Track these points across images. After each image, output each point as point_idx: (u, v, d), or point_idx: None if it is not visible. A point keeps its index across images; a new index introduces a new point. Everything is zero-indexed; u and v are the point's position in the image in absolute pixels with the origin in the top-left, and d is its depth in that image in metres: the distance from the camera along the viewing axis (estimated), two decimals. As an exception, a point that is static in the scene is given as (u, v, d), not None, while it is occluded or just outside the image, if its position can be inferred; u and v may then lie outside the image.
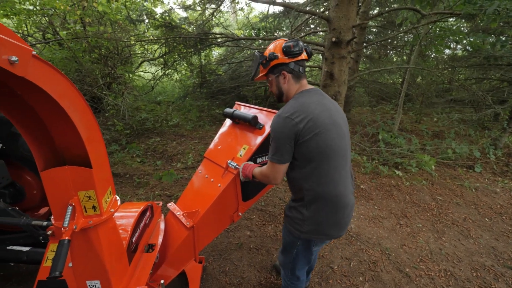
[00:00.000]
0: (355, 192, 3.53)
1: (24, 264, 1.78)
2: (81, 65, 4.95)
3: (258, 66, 1.39)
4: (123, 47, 6.21)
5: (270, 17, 6.16)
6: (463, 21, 7.07)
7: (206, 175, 1.77)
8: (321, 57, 5.89)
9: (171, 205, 1.78)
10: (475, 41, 4.93)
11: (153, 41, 6.00)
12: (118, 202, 1.12)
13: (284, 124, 1.21)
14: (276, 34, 5.95)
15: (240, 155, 1.67)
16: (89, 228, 0.99)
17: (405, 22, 5.01)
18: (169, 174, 3.44)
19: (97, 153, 0.95)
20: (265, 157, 1.74)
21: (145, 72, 8.32)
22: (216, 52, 8.82)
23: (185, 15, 7.60)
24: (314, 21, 6.43)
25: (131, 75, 6.69)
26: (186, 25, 6.15)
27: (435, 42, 4.72)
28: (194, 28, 6.06)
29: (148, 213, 1.62)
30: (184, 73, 7.86)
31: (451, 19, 6.74)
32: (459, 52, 8.13)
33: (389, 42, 7.66)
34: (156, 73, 7.12)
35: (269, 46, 1.37)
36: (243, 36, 6.19)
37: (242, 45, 6.16)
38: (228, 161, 1.64)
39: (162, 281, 1.30)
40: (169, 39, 5.56)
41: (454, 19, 6.91)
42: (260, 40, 5.63)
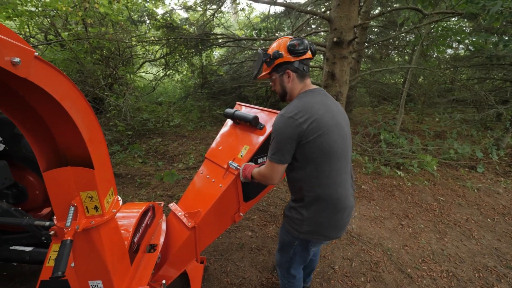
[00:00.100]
0: (357, 193, 3.52)
1: (27, 264, 1.79)
2: (83, 66, 4.97)
3: (262, 65, 1.35)
4: (125, 48, 6.23)
5: (271, 18, 6.16)
6: (465, 21, 7.04)
7: (208, 176, 1.77)
8: (323, 57, 5.87)
9: (173, 206, 1.78)
10: (478, 41, 4.91)
11: (155, 42, 6.02)
12: (120, 203, 1.12)
13: (288, 124, 1.19)
14: (277, 34, 5.94)
15: (241, 156, 1.67)
16: (91, 229, 0.99)
17: (407, 22, 4.99)
18: (171, 175, 3.45)
19: (99, 154, 0.95)
20: (266, 158, 1.74)
21: (147, 73, 8.34)
22: (217, 53, 8.84)
23: (186, 16, 7.64)
24: (315, 21, 6.42)
25: (133, 76, 6.72)
26: (187, 26, 6.17)
27: (437, 42, 4.70)
28: (195, 29, 6.07)
29: (150, 214, 1.62)
30: (185, 74, 7.87)
31: (453, 19, 6.72)
32: (461, 52, 8.12)
33: (391, 42, 7.64)
34: (158, 74, 7.16)
35: (273, 44, 1.34)
36: (244, 37, 6.19)
37: (243, 46, 6.16)
38: (229, 162, 1.64)
39: (164, 281, 1.30)
40: (170, 40, 5.58)
41: (456, 19, 6.89)
42: (261, 41, 5.63)
